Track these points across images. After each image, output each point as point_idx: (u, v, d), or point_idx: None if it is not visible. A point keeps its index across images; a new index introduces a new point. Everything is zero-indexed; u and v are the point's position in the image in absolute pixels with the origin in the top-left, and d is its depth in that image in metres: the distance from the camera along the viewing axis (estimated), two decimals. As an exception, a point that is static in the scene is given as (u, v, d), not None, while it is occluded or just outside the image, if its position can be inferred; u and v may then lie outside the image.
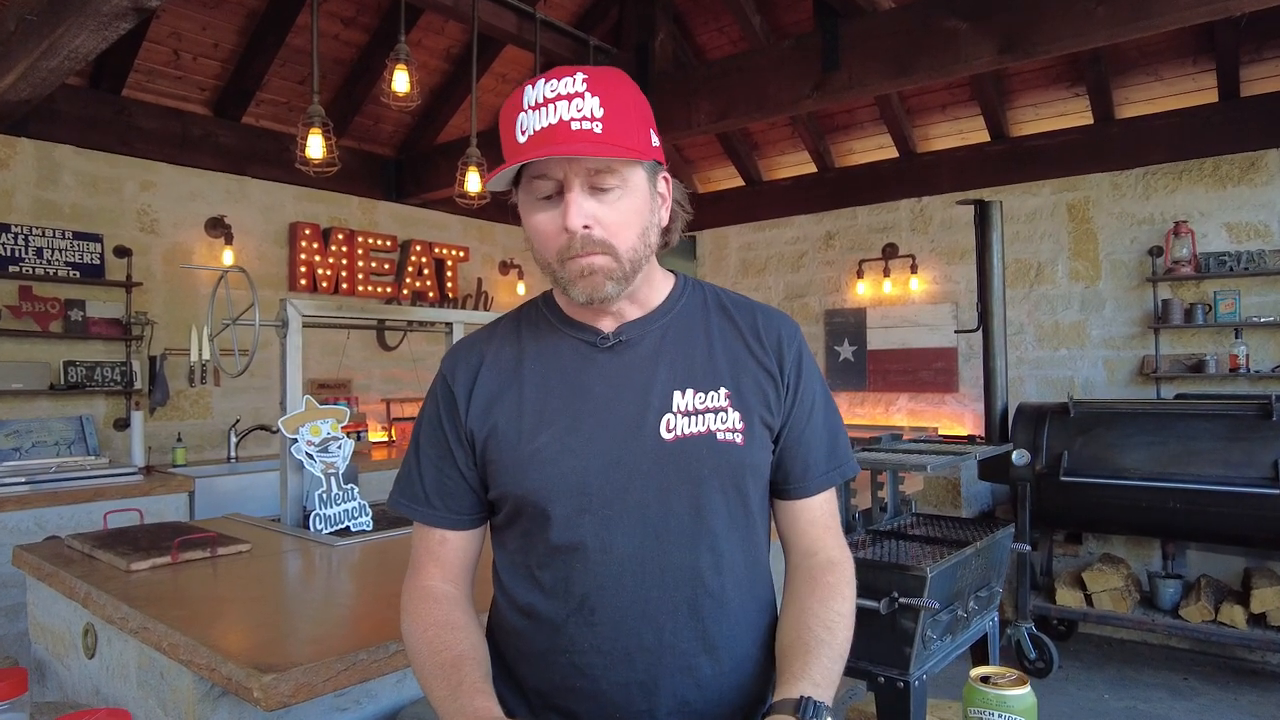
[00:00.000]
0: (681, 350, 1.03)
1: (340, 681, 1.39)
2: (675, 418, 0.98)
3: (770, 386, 1.03)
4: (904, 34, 3.43)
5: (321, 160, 2.83)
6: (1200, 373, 4.36)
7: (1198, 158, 4.51)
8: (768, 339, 1.06)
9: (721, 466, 0.98)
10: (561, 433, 0.99)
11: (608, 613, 0.96)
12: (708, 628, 0.98)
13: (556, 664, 0.99)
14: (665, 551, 0.97)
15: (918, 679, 2.23)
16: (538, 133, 0.90)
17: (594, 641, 0.97)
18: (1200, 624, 3.69)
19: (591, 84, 0.91)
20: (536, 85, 0.92)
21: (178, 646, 1.50)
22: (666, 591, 0.97)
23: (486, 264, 6.14)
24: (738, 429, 0.99)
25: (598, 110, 0.90)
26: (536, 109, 0.90)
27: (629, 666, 0.96)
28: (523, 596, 1.02)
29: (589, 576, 0.97)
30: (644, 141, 0.96)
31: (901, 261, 5.55)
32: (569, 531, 0.97)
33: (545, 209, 0.95)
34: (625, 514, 0.96)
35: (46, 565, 2.06)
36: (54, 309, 3.98)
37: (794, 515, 1.07)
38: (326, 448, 2.51)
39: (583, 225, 0.92)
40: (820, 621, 0.97)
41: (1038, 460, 3.90)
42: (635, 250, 0.96)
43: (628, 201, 0.95)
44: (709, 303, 1.09)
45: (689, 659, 0.97)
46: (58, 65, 3.06)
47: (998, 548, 2.65)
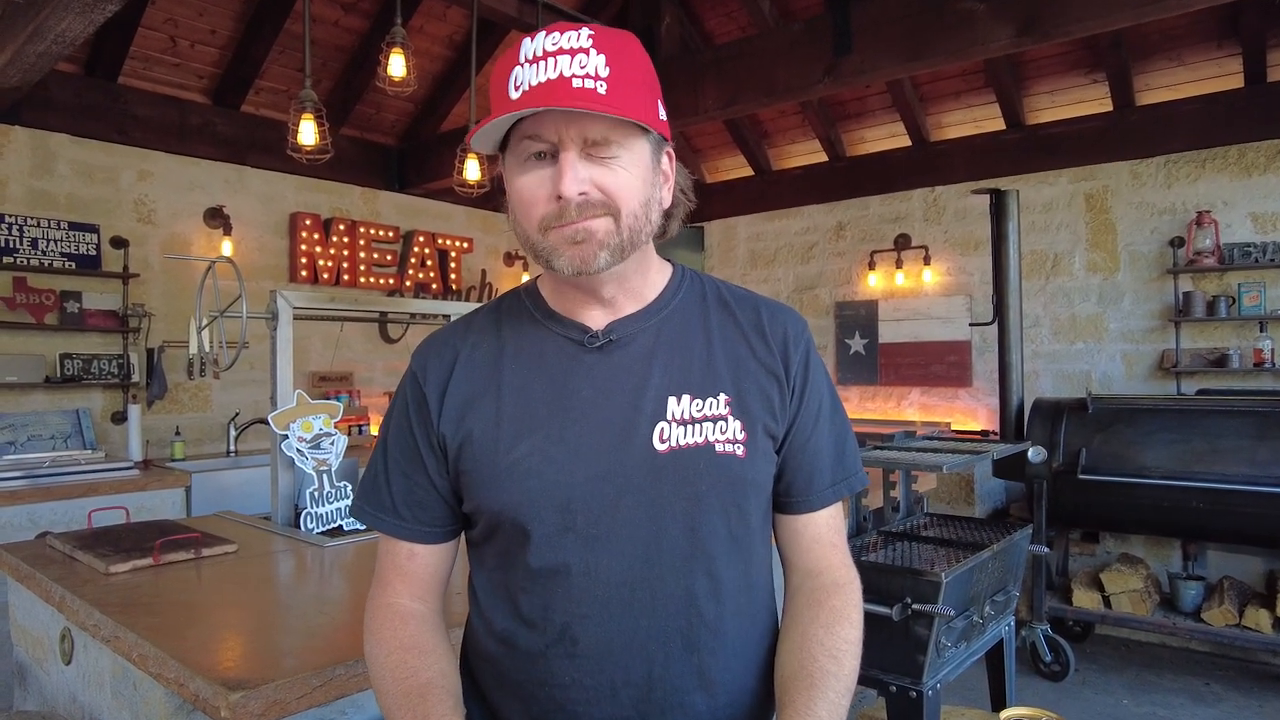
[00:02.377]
0: (678, 351, 0.93)
1: (316, 698, 1.30)
2: (670, 426, 0.89)
3: (775, 390, 0.94)
4: (918, 16, 3.31)
5: (314, 147, 2.74)
6: (1223, 367, 4.23)
7: (1222, 145, 4.36)
8: (773, 336, 0.96)
9: (720, 482, 0.89)
10: (543, 442, 0.88)
11: (592, 643, 0.87)
12: (703, 660, 0.89)
13: (535, 697, 0.90)
14: (657, 576, 0.87)
15: (931, 688, 2.13)
16: (534, 88, 0.80)
17: (576, 675, 0.87)
18: (1224, 627, 3.57)
19: (598, 41, 0.81)
20: (536, 38, 0.82)
21: (147, 658, 1.42)
22: (658, 620, 0.87)
23: (490, 255, 6.05)
24: (739, 440, 0.90)
25: (603, 69, 0.80)
26: (534, 62, 0.81)
27: (614, 703, 0.87)
28: (499, 622, 0.93)
29: (572, 603, 0.87)
30: (651, 111, 0.85)
31: (914, 253, 5.42)
32: (551, 553, 0.87)
33: (533, 171, 0.85)
34: (613, 534, 0.87)
35: (24, 566, 1.98)
36: (49, 301, 3.92)
37: (796, 531, 0.97)
38: (318, 444, 2.43)
39: (579, 191, 0.82)
40: (826, 650, 0.87)
41: (1054, 457, 3.78)
42: (637, 219, 0.86)
43: (629, 168, 0.85)
44: (708, 297, 0.99)
45: (682, 695, 0.88)
46: (46, 50, 2.98)
47: (1015, 550, 2.55)
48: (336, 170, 4.95)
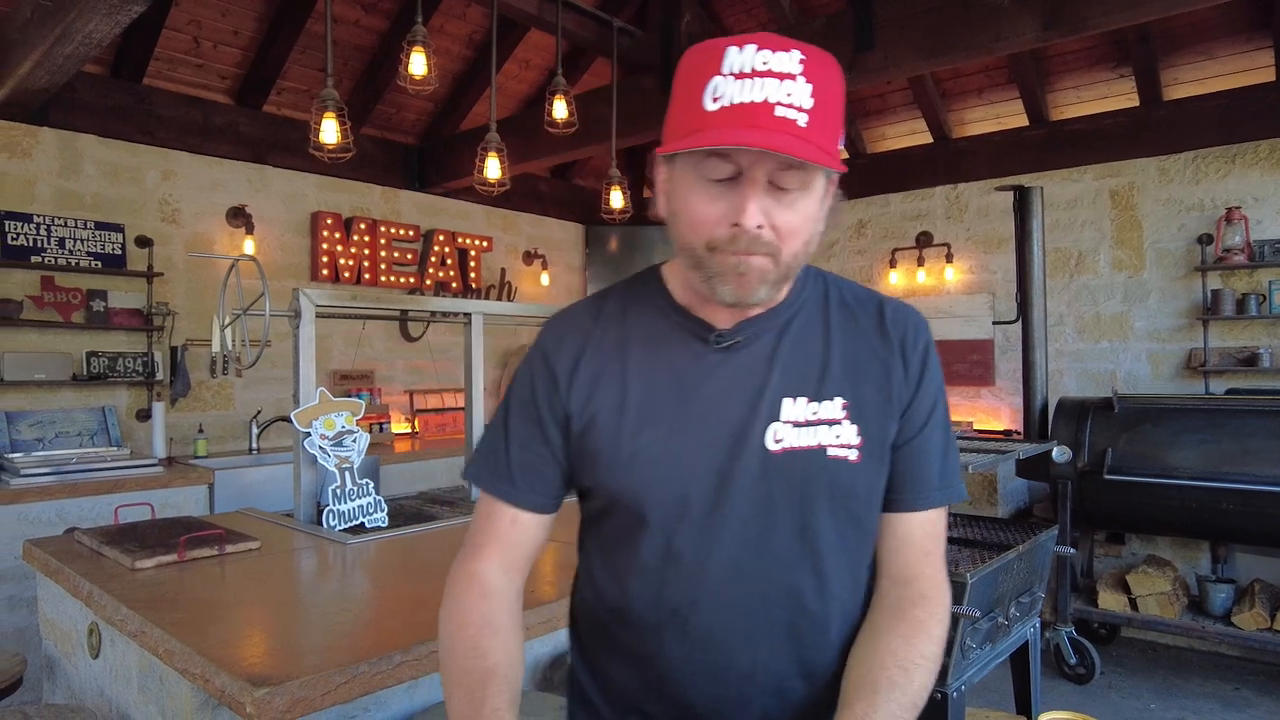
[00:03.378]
0: (798, 354, 0.94)
1: (340, 695, 1.30)
2: (783, 428, 0.90)
3: (892, 389, 0.95)
4: (941, 11, 3.27)
5: (336, 146, 2.75)
6: (1253, 366, 4.15)
7: (1252, 140, 4.29)
8: (894, 332, 0.97)
9: (831, 485, 0.90)
10: (665, 434, 0.92)
11: (701, 627, 0.91)
12: (806, 652, 0.92)
13: (645, 669, 0.95)
14: (765, 570, 0.91)
15: (956, 690, 2.11)
16: (736, 106, 0.78)
17: (685, 653, 0.92)
18: (1255, 631, 3.50)
19: (808, 68, 0.80)
20: (745, 49, 0.79)
21: (173, 653, 1.43)
22: (765, 611, 0.91)
23: (510, 254, 6.06)
24: (852, 445, 0.91)
25: (807, 100, 0.79)
26: (741, 78, 0.79)
27: (721, 683, 0.92)
28: (613, 596, 0.97)
29: (684, 588, 0.91)
30: (837, 143, 0.85)
31: (936, 250, 5.37)
32: (665, 539, 0.91)
33: (711, 191, 0.83)
34: (725, 527, 0.90)
35: (53, 561, 2.01)
36: (76, 299, 3.97)
37: (891, 530, 0.97)
38: (341, 441, 2.44)
39: (758, 225, 0.82)
40: (897, 661, 0.87)
41: (1079, 457, 3.73)
42: (796, 257, 0.87)
43: (803, 205, 0.84)
44: (829, 297, 0.99)
45: (783, 681, 0.92)
46: (73, 51, 3.02)
47: (1040, 551, 2.51)
48: (357, 169, 4.98)
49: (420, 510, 2.75)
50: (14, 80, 3.29)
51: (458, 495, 3.02)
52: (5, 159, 3.79)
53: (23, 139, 3.84)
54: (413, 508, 2.81)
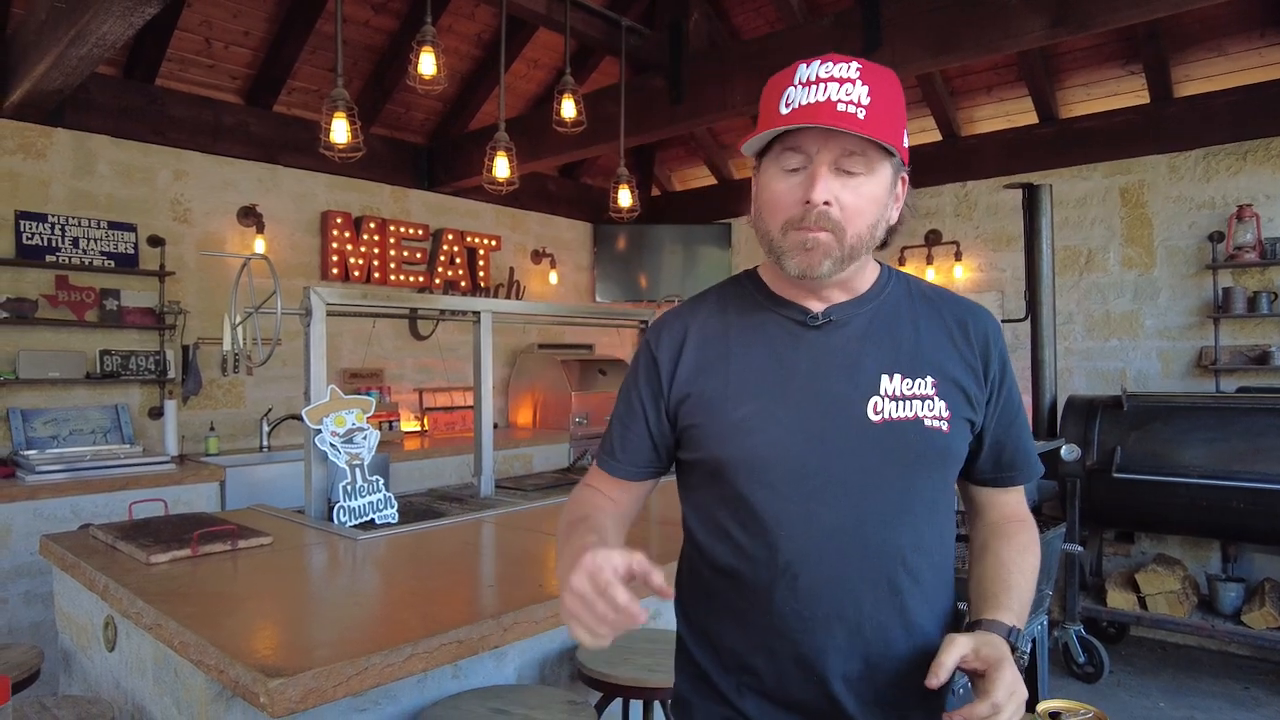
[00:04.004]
0: (889, 335, 1.05)
1: (352, 686, 1.32)
2: (883, 401, 1.01)
3: (973, 382, 1.06)
4: (949, 8, 3.26)
5: (346, 145, 2.77)
6: (1265, 365, 4.13)
7: (1264, 137, 4.26)
8: (975, 335, 1.08)
9: (928, 453, 1.02)
10: (769, 404, 1.02)
11: (811, 581, 1.00)
12: (905, 603, 1.02)
13: (757, 624, 1.03)
14: (869, 529, 1.00)
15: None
16: (803, 107, 0.93)
17: (795, 606, 1.00)
18: (1265, 630, 3.49)
19: (864, 74, 0.94)
20: (811, 64, 0.96)
21: (188, 645, 1.45)
22: (868, 566, 1.00)
23: (518, 253, 6.08)
24: (944, 417, 1.02)
25: (865, 99, 0.92)
26: (807, 86, 0.94)
27: (828, 633, 1.00)
28: (723, 558, 1.06)
29: (793, 545, 1.00)
30: (900, 138, 0.97)
31: (945, 248, 5.36)
32: (775, 501, 1.01)
33: (788, 179, 0.98)
34: (829, 489, 1.00)
35: (69, 556, 2.04)
36: (89, 298, 4.01)
37: (994, 499, 1.14)
38: (351, 438, 2.46)
39: (824, 200, 0.95)
40: (1018, 566, 1.04)
41: (1088, 455, 3.72)
42: (861, 238, 0.98)
43: (869, 189, 0.97)
44: (913, 292, 1.11)
45: (886, 632, 1.01)
46: (87, 53, 3.05)
47: (1048, 548, 2.51)
48: (367, 169, 5.01)
49: (430, 507, 2.77)
50: (29, 82, 3.33)
51: (467, 492, 3.04)
52: (20, 160, 3.83)
53: (38, 140, 3.88)
54: (422, 504, 2.83)
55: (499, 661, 1.89)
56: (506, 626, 1.55)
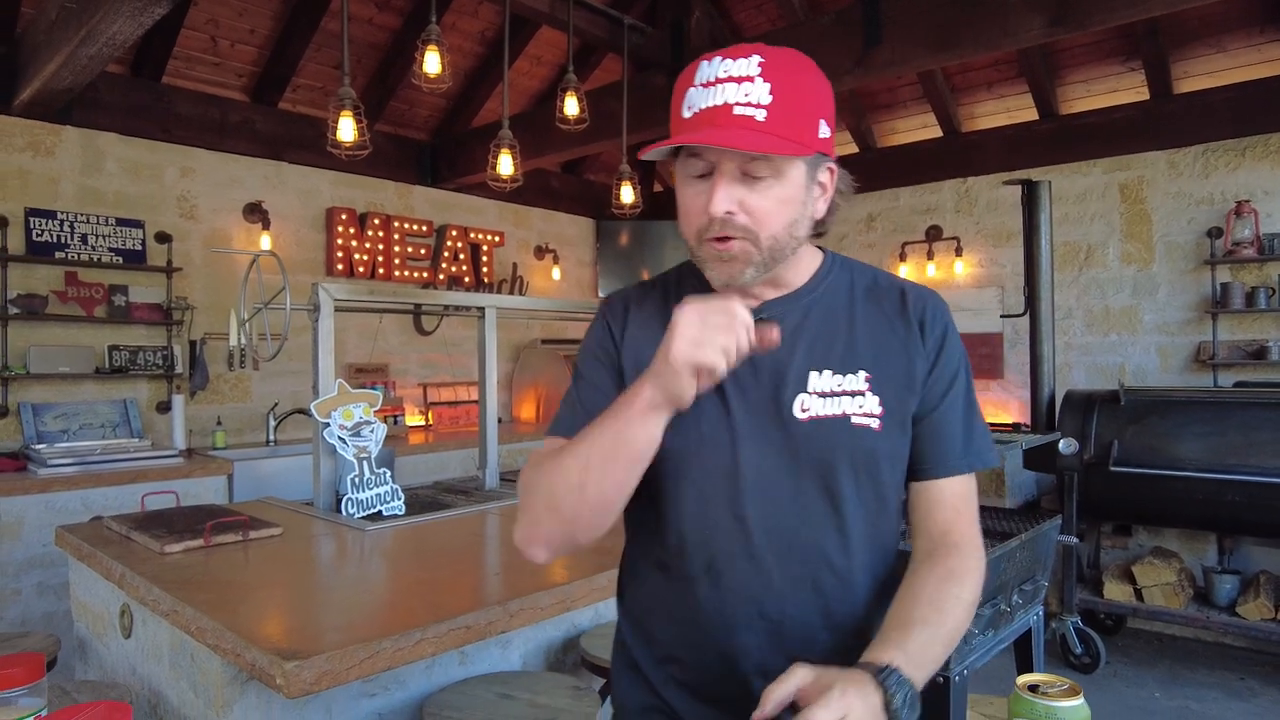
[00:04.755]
0: (822, 330, 1.02)
1: (364, 669, 1.37)
2: (810, 398, 0.98)
3: (914, 367, 1.01)
4: (949, 6, 3.30)
5: (353, 143, 2.82)
6: (1262, 360, 4.17)
7: (1263, 133, 4.29)
8: (914, 313, 1.03)
9: (855, 451, 0.98)
10: (702, 402, 0.97)
11: (734, 580, 0.98)
12: (830, 605, 0.99)
13: (682, 619, 1.03)
14: (794, 528, 0.98)
15: (959, 674, 2.16)
16: (701, 112, 0.89)
17: (719, 604, 0.99)
18: (1259, 622, 3.53)
19: (766, 68, 0.89)
20: (712, 61, 0.91)
21: (205, 630, 1.50)
22: (792, 566, 0.98)
23: (522, 249, 6.12)
24: (875, 414, 0.98)
25: (765, 97, 0.87)
26: (706, 87, 0.90)
27: (751, 632, 0.99)
28: (656, 551, 1.05)
29: (717, 542, 0.99)
30: (810, 133, 0.91)
31: (946, 244, 5.39)
32: (699, 499, 0.99)
33: (694, 186, 0.95)
34: (757, 488, 0.98)
35: (85, 546, 2.09)
36: (98, 294, 4.06)
37: (923, 496, 1.04)
38: (359, 432, 2.51)
39: (725, 210, 0.91)
40: (932, 601, 0.92)
41: (1086, 449, 3.76)
42: (778, 240, 0.94)
43: (777, 191, 0.92)
44: (855, 283, 1.07)
45: (810, 632, 0.99)
46: (97, 52, 3.09)
47: (1044, 540, 2.55)
48: (371, 165, 5.04)
49: (435, 499, 2.82)
50: (39, 80, 3.37)
51: (472, 485, 3.08)
52: (30, 157, 3.88)
53: (47, 137, 3.93)
54: (428, 496, 2.87)
55: (504, 648, 1.94)
56: (513, 613, 1.60)
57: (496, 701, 1.67)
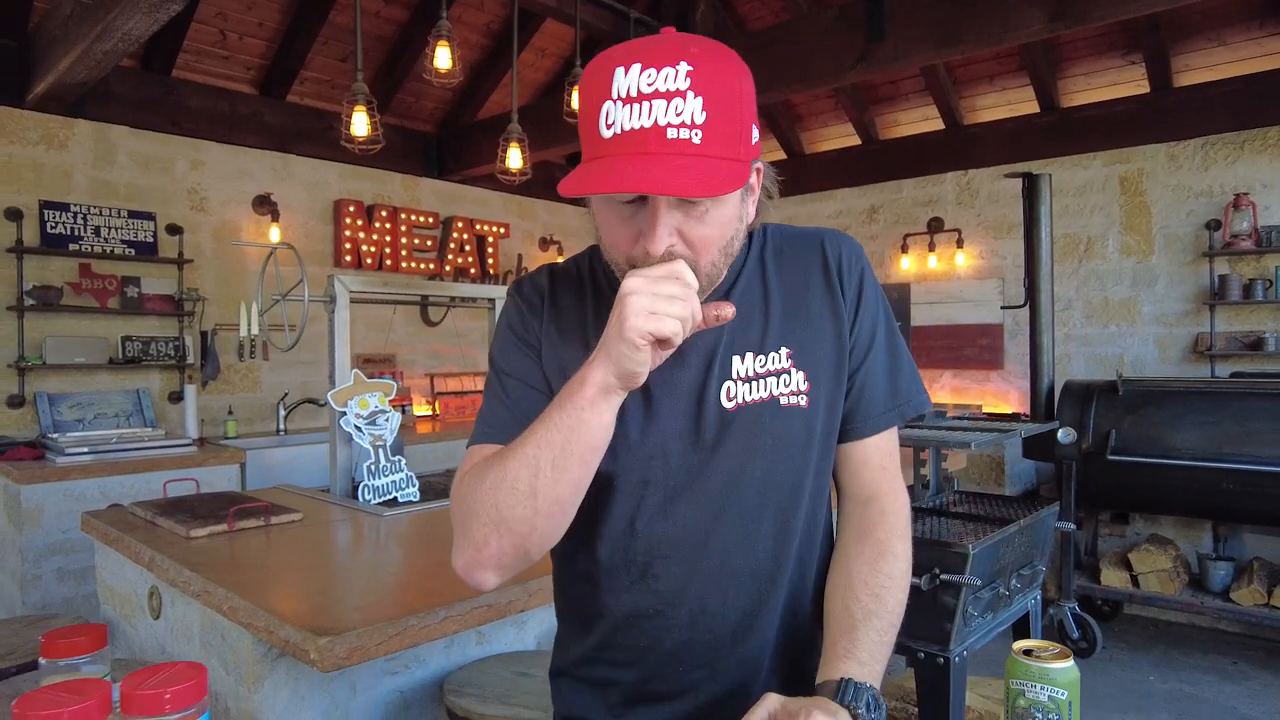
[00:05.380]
0: (741, 313, 0.95)
1: (392, 645, 1.43)
2: (735, 385, 0.94)
3: (836, 326, 0.98)
4: (951, 2, 3.34)
5: (366, 138, 2.87)
6: (1259, 350, 4.23)
7: (1261, 126, 4.33)
8: (831, 260, 1.00)
9: (785, 434, 0.95)
10: (628, 403, 0.92)
11: (671, 580, 0.95)
12: (773, 594, 0.97)
13: (624, 623, 0.99)
14: (730, 521, 0.95)
15: (958, 655, 2.22)
16: (626, 133, 0.77)
17: (658, 606, 0.96)
18: (1252, 607, 3.60)
19: (695, 80, 0.77)
20: (631, 71, 0.77)
21: (238, 610, 1.56)
22: (731, 559, 0.95)
23: (527, 240, 6.18)
24: (802, 390, 0.95)
25: (699, 115, 0.77)
26: (629, 102, 0.77)
27: (693, 629, 0.96)
28: (583, 563, 1.00)
29: (650, 544, 0.95)
30: (745, 145, 0.82)
31: (947, 235, 5.45)
32: (631, 504, 0.95)
33: (622, 213, 0.85)
34: (689, 486, 0.94)
35: (113, 531, 2.15)
36: (112, 286, 4.12)
37: (848, 456, 1.01)
38: (374, 420, 2.57)
39: (665, 248, 0.82)
40: (868, 589, 0.92)
41: (1084, 439, 3.83)
42: (717, 263, 0.88)
43: (716, 214, 0.84)
44: (766, 250, 1.01)
45: (754, 621, 0.97)
46: (112, 48, 3.14)
47: (1041, 526, 2.62)
48: (378, 158, 5.08)
49: (448, 486, 2.89)
50: (54, 75, 3.42)
51: (482, 473, 3.15)
52: (44, 150, 3.93)
53: (60, 131, 3.98)
54: (440, 484, 2.94)
55: (519, 629, 2.01)
56: (531, 592, 1.67)
57: (514, 679, 1.74)
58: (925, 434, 2.66)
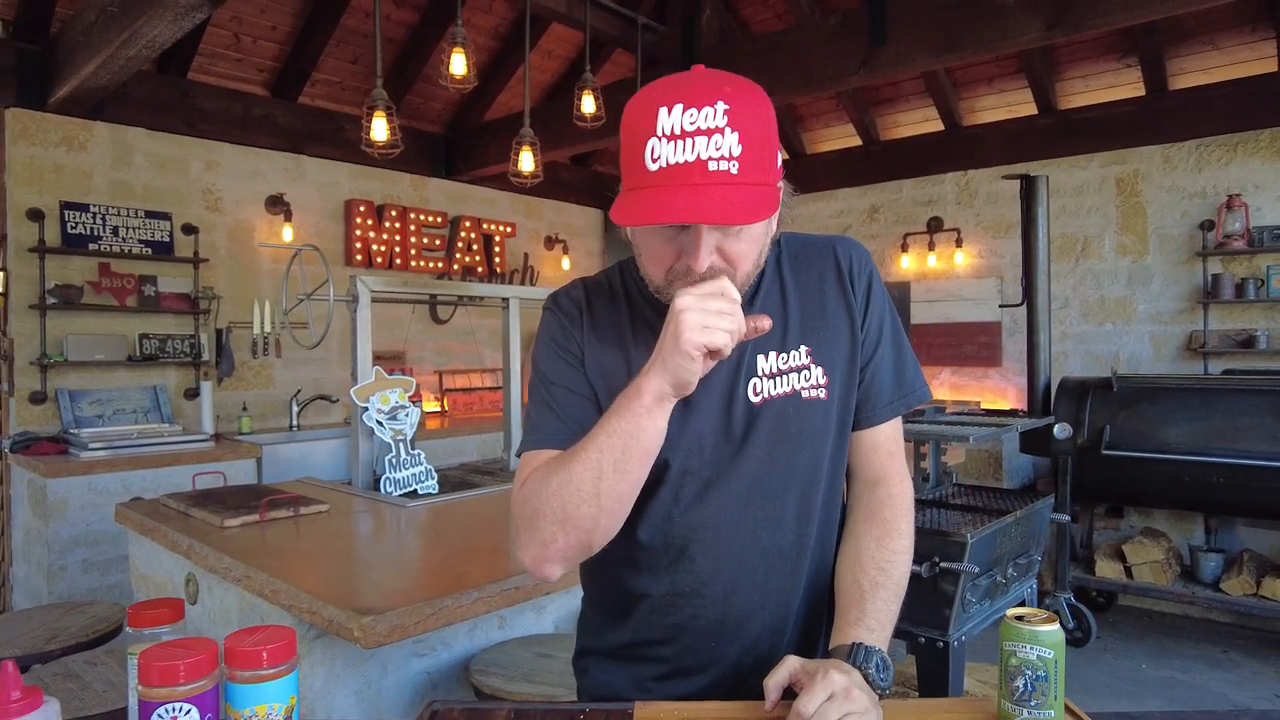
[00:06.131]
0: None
1: (428, 624, 1.54)
2: (761, 381, 1.04)
3: (849, 324, 1.08)
4: (951, 9, 3.43)
5: (386, 142, 2.96)
6: (1251, 348, 4.33)
7: (1254, 129, 4.43)
8: (843, 264, 1.10)
9: (807, 424, 1.05)
10: None
11: (707, 558, 1.05)
12: (795, 566, 1.07)
13: (658, 605, 1.08)
14: (759, 504, 1.05)
15: (957, 639, 2.33)
16: (672, 167, 0.86)
17: (695, 584, 1.05)
18: (1241, 596, 3.71)
19: (732, 117, 0.86)
20: (674, 111, 0.86)
21: (279, 592, 1.66)
22: (760, 538, 1.05)
23: (533, 239, 6.27)
24: (821, 384, 1.05)
25: (736, 148, 0.86)
26: (673, 139, 0.86)
27: (727, 604, 1.06)
28: (624, 548, 1.07)
29: (688, 528, 1.05)
30: (775, 171, 0.92)
31: (946, 235, 5.54)
32: (672, 491, 1.04)
33: (663, 235, 0.94)
34: (721, 474, 1.04)
35: (149, 521, 2.25)
36: (129, 284, 4.21)
37: (858, 442, 1.12)
38: (395, 415, 2.67)
39: (708, 265, 0.92)
40: (875, 563, 1.03)
41: (1079, 434, 3.93)
42: (749, 274, 0.97)
43: (750, 232, 0.94)
44: (783, 258, 1.11)
45: (784, 595, 1.07)
46: (136, 54, 3.23)
47: (1037, 517, 2.72)
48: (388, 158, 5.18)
49: (464, 479, 2.99)
50: (77, 79, 3.51)
51: (497, 466, 3.25)
52: (64, 152, 4.02)
53: (79, 133, 4.07)
54: (457, 477, 3.04)
55: (539, 614, 2.11)
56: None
57: (535, 660, 1.84)
58: (925, 428, 2.76)
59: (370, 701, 1.74)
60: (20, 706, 0.72)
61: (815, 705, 0.85)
